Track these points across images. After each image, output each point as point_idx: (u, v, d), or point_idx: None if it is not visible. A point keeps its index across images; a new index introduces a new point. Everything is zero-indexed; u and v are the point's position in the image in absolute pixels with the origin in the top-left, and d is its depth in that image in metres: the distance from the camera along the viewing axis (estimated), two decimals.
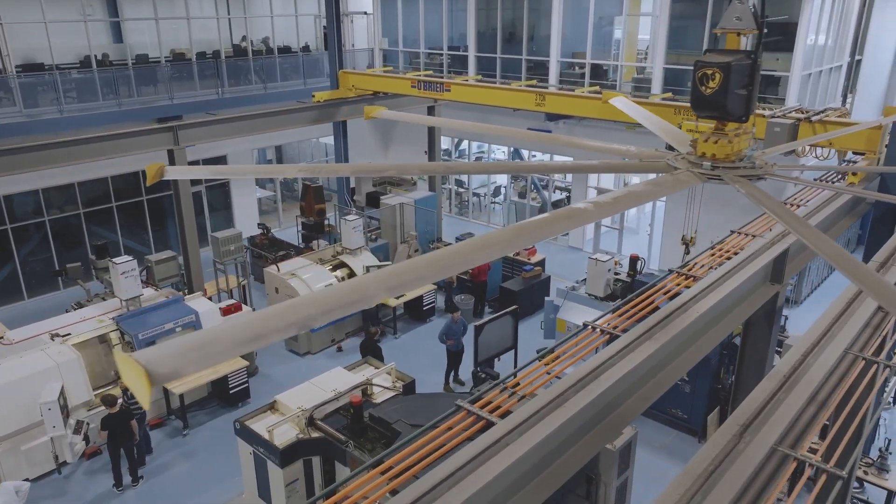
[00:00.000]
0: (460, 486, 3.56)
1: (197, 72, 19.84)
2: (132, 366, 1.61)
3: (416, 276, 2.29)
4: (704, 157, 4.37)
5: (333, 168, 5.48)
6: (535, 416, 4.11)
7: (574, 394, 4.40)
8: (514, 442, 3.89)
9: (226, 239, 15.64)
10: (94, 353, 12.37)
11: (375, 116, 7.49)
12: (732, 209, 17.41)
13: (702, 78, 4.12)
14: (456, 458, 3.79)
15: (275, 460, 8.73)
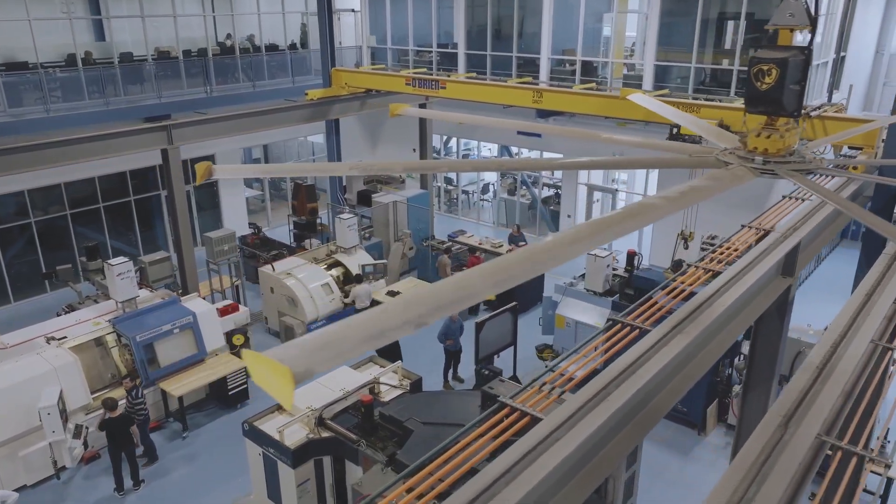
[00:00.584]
0: (517, 482, 3.57)
1: (184, 70, 19.59)
2: (272, 366, 1.59)
3: (519, 271, 2.29)
4: (755, 153, 4.42)
5: (383, 165, 5.44)
6: (580, 411, 4.14)
7: (615, 388, 4.43)
8: (563, 437, 3.91)
9: (219, 239, 15.49)
10: (91, 357, 12.19)
11: (401, 114, 7.46)
12: (721, 205, 17.64)
13: (757, 74, 4.16)
14: (509, 453, 3.81)
15: (286, 461, 8.68)
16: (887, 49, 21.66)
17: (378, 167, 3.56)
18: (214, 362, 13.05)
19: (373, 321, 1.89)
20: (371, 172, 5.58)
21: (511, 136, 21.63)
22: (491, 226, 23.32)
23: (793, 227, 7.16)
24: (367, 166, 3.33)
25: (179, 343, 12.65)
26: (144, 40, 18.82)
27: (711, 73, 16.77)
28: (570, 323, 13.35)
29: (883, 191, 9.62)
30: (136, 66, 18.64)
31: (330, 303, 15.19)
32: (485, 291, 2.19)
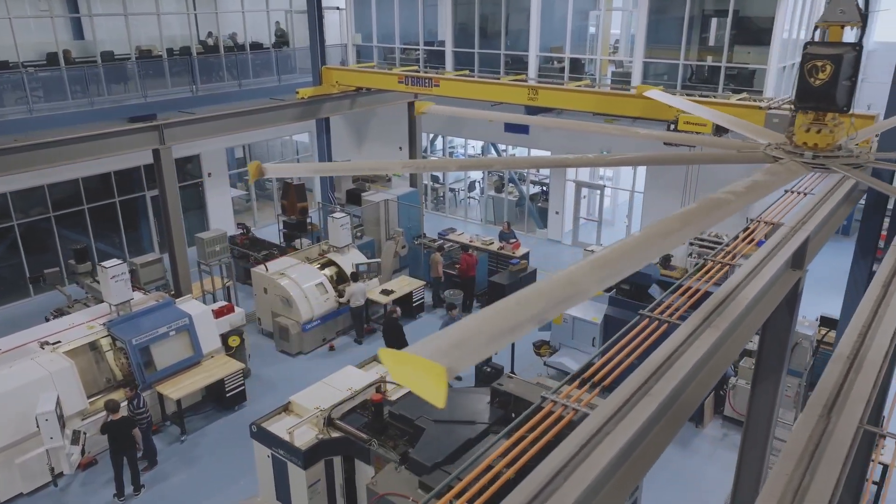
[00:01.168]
0: (574, 477, 3.59)
1: (168, 69, 19.32)
2: (425, 365, 1.58)
3: (625, 264, 2.31)
4: (804, 147, 4.48)
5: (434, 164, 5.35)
6: (626, 406, 4.18)
7: (655, 382, 4.47)
8: (613, 431, 3.94)
9: (211, 240, 15.32)
10: (86, 361, 11.99)
11: (426, 112, 7.44)
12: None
13: (811, 70, 4.23)
14: (563, 448, 3.83)
15: (297, 462, 8.62)
16: (865, 46, 22.10)
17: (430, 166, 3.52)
18: (211, 364, 12.91)
19: (502, 318, 1.89)
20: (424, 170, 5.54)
21: (498, 133, 21.69)
22: (479, 223, 23.37)
23: (801, 221, 7.28)
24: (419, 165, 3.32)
25: (175, 346, 12.50)
26: (128, 39, 18.51)
27: (698, 69, 16.98)
28: (568, 319, 13.43)
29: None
30: (119, 65, 18.32)
31: (325, 302, 15.12)
32: (592, 288, 2.21)
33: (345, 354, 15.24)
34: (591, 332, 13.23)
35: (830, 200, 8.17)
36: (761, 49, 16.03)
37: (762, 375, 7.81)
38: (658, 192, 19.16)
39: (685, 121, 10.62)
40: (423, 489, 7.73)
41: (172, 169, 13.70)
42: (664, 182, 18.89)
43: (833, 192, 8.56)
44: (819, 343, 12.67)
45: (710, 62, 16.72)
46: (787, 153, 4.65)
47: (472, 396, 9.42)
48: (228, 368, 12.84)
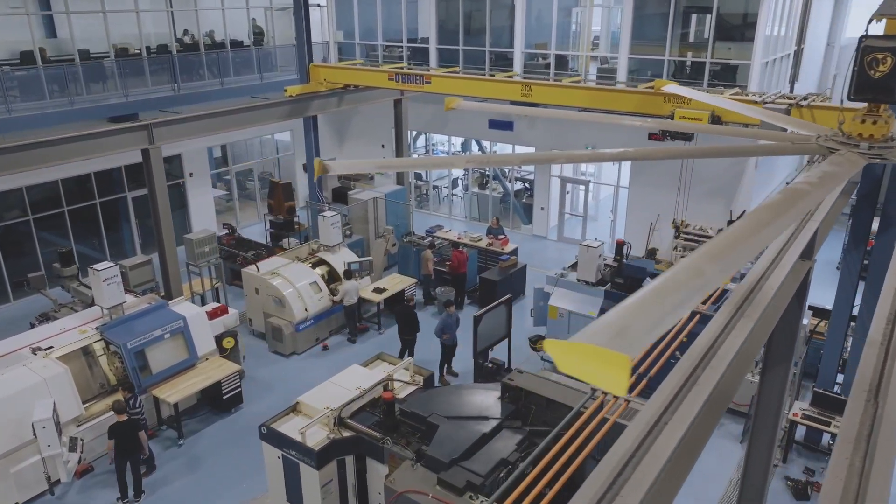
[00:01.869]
0: (641, 466, 3.64)
1: (148, 68, 18.96)
2: (606, 355, 1.57)
3: (741, 252, 2.33)
4: (858, 139, 4.58)
5: (500, 158, 5.26)
6: (678, 396, 4.23)
7: (702, 371, 4.54)
8: (670, 422, 3.99)
9: (200, 240, 15.09)
10: (78, 366, 11.72)
11: (455, 108, 7.40)
12: (693, 193, 18.18)
13: (871, 62, 4.33)
14: (625, 439, 3.87)
15: (310, 462, 8.54)
16: (838, 42, 22.68)
17: (495, 160, 3.49)
18: (206, 367, 12.73)
19: (660, 301, 1.90)
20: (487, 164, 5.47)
21: (482, 129, 21.73)
22: (463, 220, 23.40)
23: (809, 213, 7.45)
24: (483, 159, 3.29)
25: (171, 348, 12.30)
26: (106, 36, 18.10)
27: (681, 65, 17.22)
28: (564, 313, 13.54)
29: (869, 175, 10.09)
30: (97, 63, 17.92)
31: (319, 301, 15.01)
32: (718, 279, 2.23)
33: (339, 354, 15.16)
34: None
35: (834, 192, 8.36)
36: (742, 45, 16.34)
37: (771, 365, 7.95)
38: (643, 187, 19.39)
39: (681, 115, 10.77)
40: (442, 486, 7.72)
41: (161, 169, 13.47)
42: (649, 177, 19.13)
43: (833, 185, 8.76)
44: (812, 333, 12.97)
45: (691, 58, 16.97)
46: (841, 144, 4.75)
47: (481, 392, 9.45)
48: (225, 370, 12.68)
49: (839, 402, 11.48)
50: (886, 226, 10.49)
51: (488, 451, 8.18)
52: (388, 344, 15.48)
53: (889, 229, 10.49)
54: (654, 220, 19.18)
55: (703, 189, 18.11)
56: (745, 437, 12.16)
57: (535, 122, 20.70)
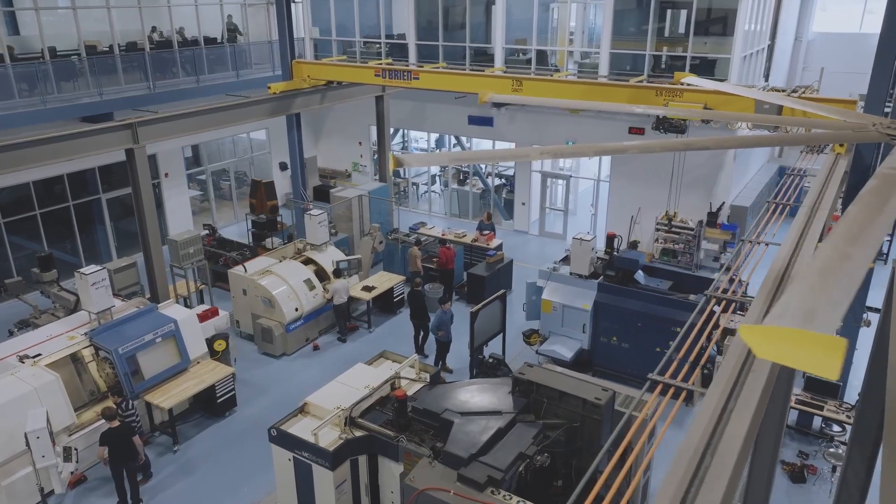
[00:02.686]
0: (721, 449, 3.66)
1: (120, 66, 18.46)
2: (821, 340, 1.55)
3: (874, 233, 2.36)
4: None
5: (574, 150, 5.15)
6: (739, 380, 4.28)
7: (754, 358, 4.59)
8: (737, 407, 4.03)
9: (185, 241, 14.74)
10: (67, 373, 11.37)
11: (487, 101, 7.34)
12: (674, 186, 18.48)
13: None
14: (697, 425, 3.88)
15: (324, 463, 8.43)
16: (805, 36, 23.25)
17: (569, 152, 3.45)
18: (199, 370, 12.47)
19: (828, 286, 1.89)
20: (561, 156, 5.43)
21: (462, 126, 21.72)
22: (443, 217, 23.36)
23: (818, 203, 7.63)
24: (556, 151, 3.27)
25: (162, 353, 12.01)
26: (77, 33, 17.56)
27: (660, 59, 17.46)
28: (557, 307, 13.61)
29: (860, 165, 10.37)
30: (69, 61, 17.37)
31: (314, 298, 14.84)
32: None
33: (330, 353, 15.00)
34: (582, 318, 13.45)
35: (834, 181, 8.58)
36: (721, 39, 16.64)
37: None
38: (623, 180, 19.62)
39: (676, 108, 10.91)
40: (462, 482, 7.70)
41: (147, 169, 13.12)
42: (629, 171, 19.35)
43: (833, 174, 9.00)
44: None
45: (672, 53, 17.21)
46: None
47: (490, 387, 9.44)
48: (218, 374, 12.43)
49: (831, 387, 11.80)
50: None
51: (506, 446, 8.18)
52: (379, 342, 15.37)
53: None
54: (636, 213, 19.45)
55: (682, 181, 18.40)
56: None
57: (515, 117, 20.77)
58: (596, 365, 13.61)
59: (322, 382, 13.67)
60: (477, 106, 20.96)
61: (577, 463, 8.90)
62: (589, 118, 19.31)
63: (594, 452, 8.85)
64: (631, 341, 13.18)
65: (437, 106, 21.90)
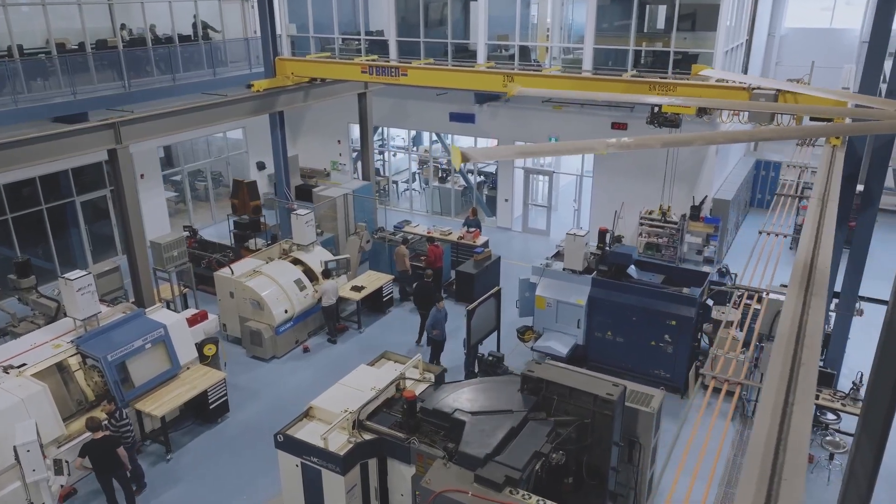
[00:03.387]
0: (791, 442, 3.62)
1: (93, 64, 17.90)
2: None
3: None
4: None
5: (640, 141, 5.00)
6: (793, 373, 4.26)
7: (801, 351, 4.58)
8: (798, 401, 3.99)
9: (169, 244, 14.35)
10: (54, 383, 10.94)
11: (517, 94, 7.19)
12: (658, 180, 18.62)
13: None
14: (762, 419, 3.84)
15: (335, 468, 8.23)
16: (778, 32, 23.65)
17: (635, 144, 3.34)
18: (189, 376, 12.13)
19: None
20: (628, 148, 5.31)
21: (443, 122, 21.60)
22: (425, 214, 23.20)
23: (827, 194, 7.69)
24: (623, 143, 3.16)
25: (152, 359, 11.65)
26: (48, 30, 16.97)
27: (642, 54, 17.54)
28: (551, 303, 13.58)
29: (852, 156, 10.53)
30: (39, 60, 16.76)
31: (304, 298, 14.58)
32: None
33: (320, 355, 14.76)
34: (577, 314, 13.44)
35: (836, 173, 8.67)
36: (704, 35, 16.78)
37: None
38: (606, 175, 19.71)
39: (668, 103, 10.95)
40: (480, 482, 7.58)
41: (130, 170, 12.70)
42: (612, 165, 19.45)
43: (833, 166, 9.10)
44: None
45: (655, 48, 17.30)
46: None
47: (499, 385, 9.34)
48: (210, 379, 12.11)
49: (825, 376, 11.97)
50: (867, 205, 10.99)
51: (520, 445, 8.08)
52: (369, 342, 15.20)
53: (869, 208, 11.00)
54: (619, 207, 19.52)
55: (664, 176, 18.55)
56: (736, 415, 12.52)
57: (498, 113, 20.72)
58: (590, 360, 13.61)
59: (314, 385, 13.54)
60: (459, 102, 20.89)
61: (588, 459, 8.86)
62: (572, 114, 19.36)
63: (606, 449, 8.84)
64: (625, 336, 13.22)
65: (418, 103, 21.74)
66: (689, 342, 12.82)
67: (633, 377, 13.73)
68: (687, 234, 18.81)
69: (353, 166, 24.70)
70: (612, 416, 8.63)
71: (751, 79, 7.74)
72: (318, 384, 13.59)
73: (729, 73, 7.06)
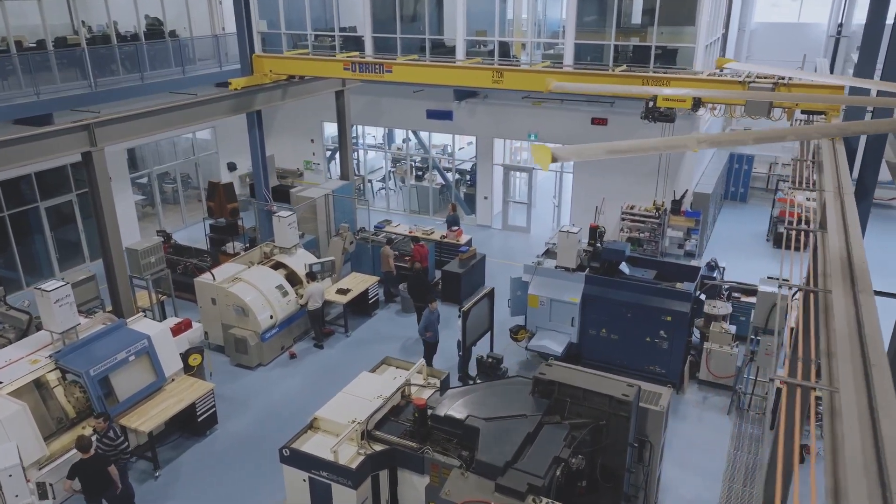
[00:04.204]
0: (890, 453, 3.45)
1: (55, 63, 17.08)
2: None
3: None
4: None
5: (735, 138, 4.72)
6: (868, 375, 4.10)
7: (871, 352, 4.43)
8: (882, 407, 3.83)
9: (146, 250, 13.76)
10: (32, 401, 10.31)
11: (554, 90, 6.90)
12: (636, 176, 18.62)
13: None
14: (850, 424, 3.66)
15: (346, 482, 7.89)
16: (748, 26, 23.94)
17: (728, 141, 3.13)
18: (175, 388, 11.61)
19: None
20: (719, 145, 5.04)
21: (420, 120, 21.28)
22: (402, 213, 22.85)
23: (839, 185, 7.65)
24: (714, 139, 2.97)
25: (137, 372, 11.10)
26: (6, 27, 16.09)
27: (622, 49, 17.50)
28: (545, 301, 13.40)
29: (847, 149, 10.57)
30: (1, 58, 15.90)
31: (287, 304, 14.12)
32: None
33: (307, 361, 14.33)
34: (570, 312, 13.29)
35: (841, 163, 8.66)
36: (679, 29, 16.82)
37: None
38: (587, 171, 19.65)
39: (664, 97, 10.85)
40: (501, 492, 7.35)
41: (106, 174, 12.07)
42: (592, 162, 19.37)
43: (837, 157, 9.10)
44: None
45: (637, 42, 17.27)
46: None
47: (509, 389, 9.12)
48: (198, 391, 11.60)
49: None
50: (861, 197, 11.05)
51: (538, 450, 7.87)
52: (357, 346, 14.83)
53: (863, 200, 11.06)
54: (600, 203, 19.50)
55: (644, 170, 18.56)
56: (731, 409, 12.54)
57: (476, 110, 20.48)
58: (584, 358, 13.47)
59: (303, 392, 13.13)
60: (436, 99, 20.59)
61: (603, 462, 8.70)
62: (551, 110, 19.23)
63: (621, 450, 8.68)
64: (620, 332, 13.11)
65: (394, 100, 21.37)
66: (684, 337, 12.77)
67: (628, 374, 13.67)
68: (668, 229, 18.87)
69: (327, 166, 24.21)
70: (627, 417, 8.48)
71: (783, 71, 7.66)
72: (307, 391, 13.20)
73: (750, 65, 6.98)
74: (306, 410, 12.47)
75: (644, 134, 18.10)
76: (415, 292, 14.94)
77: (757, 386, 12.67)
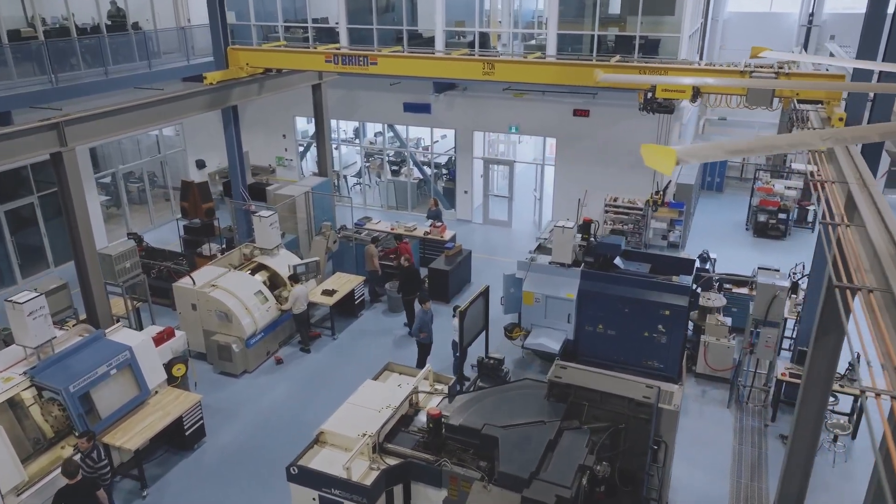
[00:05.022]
0: None
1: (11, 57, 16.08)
2: None
3: None
4: None
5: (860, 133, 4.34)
6: None
7: None
8: None
9: (120, 255, 13.01)
10: (7, 422, 9.58)
11: (600, 83, 6.47)
12: (619, 168, 18.46)
13: None
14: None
15: (360, 500, 7.44)
16: (721, 16, 23.99)
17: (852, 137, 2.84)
18: (160, 401, 10.97)
19: None
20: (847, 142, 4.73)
21: (397, 114, 20.76)
22: (380, 209, 22.32)
23: (859, 179, 7.48)
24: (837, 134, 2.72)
25: (119, 386, 10.43)
26: None
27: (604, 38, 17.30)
28: (540, 298, 13.09)
29: None
30: None
31: (266, 312, 13.51)
32: None
33: (294, 366, 13.78)
34: (567, 309, 13.00)
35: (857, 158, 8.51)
36: (654, 18, 16.68)
37: (823, 331, 7.82)
38: (568, 163, 19.42)
39: (663, 88, 10.60)
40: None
41: (78, 176, 11.29)
42: (574, 153, 19.16)
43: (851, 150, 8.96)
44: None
45: (620, 32, 17.08)
46: None
47: (522, 393, 8.78)
48: (184, 403, 10.98)
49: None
50: None
51: (562, 459, 7.55)
52: (344, 350, 14.33)
53: None
54: (582, 195, 19.29)
55: (627, 161, 18.41)
56: (731, 402, 12.44)
57: (454, 103, 20.05)
58: (581, 355, 13.22)
59: (292, 399, 12.61)
60: (413, 92, 20.09)
61: (621, 465, 8.43)
62: (532, 101, 18.92)
63: (641, 453, 8.42)
64: (618, 328, 12.88)
65: (370, 94, 20.80)
66: (682, 331, 12.61)
67: (626, 370, 13.45)
68: (652, 220, 18.77)
69: (300, 162, 23.51)
70: (648, 419, 8.22)
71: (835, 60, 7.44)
72: (296, 398, 12.68)
73: (785, 53, 6.81)
74: (297, 418, 12.01)
75: (626, 125, 17.93)
76: (406, 289, 14.55)
77: (756, 378, 12.59)
